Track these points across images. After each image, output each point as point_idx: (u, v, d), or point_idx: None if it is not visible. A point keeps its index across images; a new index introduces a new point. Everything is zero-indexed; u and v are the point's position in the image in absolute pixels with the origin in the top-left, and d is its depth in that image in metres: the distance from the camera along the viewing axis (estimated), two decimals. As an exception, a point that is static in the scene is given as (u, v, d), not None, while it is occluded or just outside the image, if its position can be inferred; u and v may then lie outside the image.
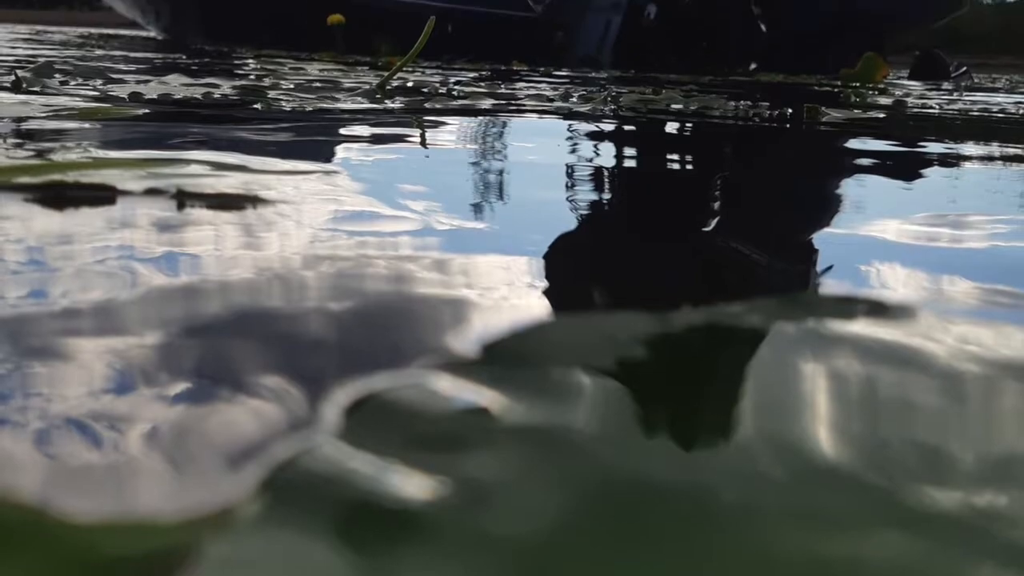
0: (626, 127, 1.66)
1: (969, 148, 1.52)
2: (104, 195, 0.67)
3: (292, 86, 2.00)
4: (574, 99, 2.14)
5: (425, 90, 2.13)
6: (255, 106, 1.56)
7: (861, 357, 0.39)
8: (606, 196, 0.91)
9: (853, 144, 1.51)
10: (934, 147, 1.53)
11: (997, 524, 0.26)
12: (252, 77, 2.32)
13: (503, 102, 1.96)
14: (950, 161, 1.30)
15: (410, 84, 2.32)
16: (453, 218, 0.69)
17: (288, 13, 5.55)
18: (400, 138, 1.26)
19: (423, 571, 0.23)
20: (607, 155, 1.23)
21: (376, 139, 1.23)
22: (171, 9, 6.90)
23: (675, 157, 1.37)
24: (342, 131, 1.29)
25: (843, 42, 5.06)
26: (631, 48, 5.40)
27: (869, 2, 5.54)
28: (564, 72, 4.20)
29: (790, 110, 1.98)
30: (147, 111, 1.40)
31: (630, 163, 1.22)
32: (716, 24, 5.74)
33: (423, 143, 1.22)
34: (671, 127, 1.74)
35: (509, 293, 0.49)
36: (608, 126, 1.63)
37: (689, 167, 1.24)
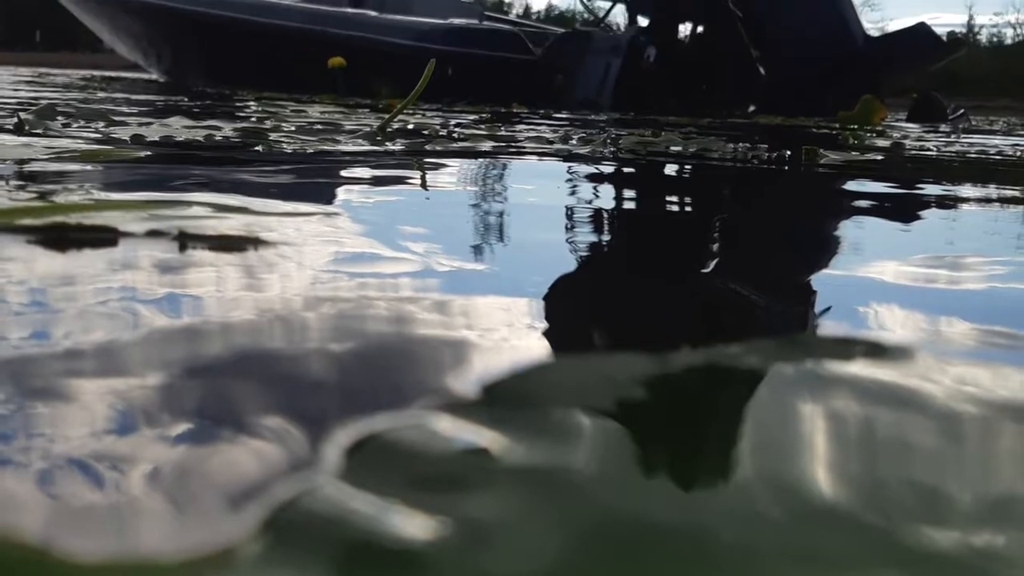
0: (625, 169, 1.66)
1: (967, 190, 1.53)
2: (106, 237, 0.68)
3: (293, 128, 2.01)
4: (574, 141, 2.15)
5: (425, 132, 2.15)
6: (256, 148, 1.57)
7: (859, 398, 0.39)
8: (606, 238, 0.92)
9: (851, 186, 1.52)
10: (932, 189, 1.54)
11: (995, 565, 0.26)
12: (253, 119, 2.33)
13: (503, 144, 1.98)
14: (948, 203, 1.31)
15: (411, 126, 2.33)
16: (453, 259, 0.70)
17: (289, 56, 5.59)
18: (401, 180, 1.27)
19: (424, 611, 0.23)
20: (607, 197, 1.24)
21: (377, 181, 1.23)
22: (173, 52, 6.95)
23: (674, 199, 1.37)
24: (343, 173, 1.30)
25: (841, 84, 5.09)
26: (631, 91, 5.44)
27: (867, 45, 5.59)
28: (564, 114, 4.22)
29: (788, 152, 1.99)
30: (149, 153, 1.40)
31: (629, 205, 1.23)
32: (715, 67, 5.78)
33: (423, 185, 1.23)
34: (670, 169, 1.75)
35: (509, 334, 0.49)
36: (608, 168, 1.64)
37: (688, 209, 1.25)
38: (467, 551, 0.26)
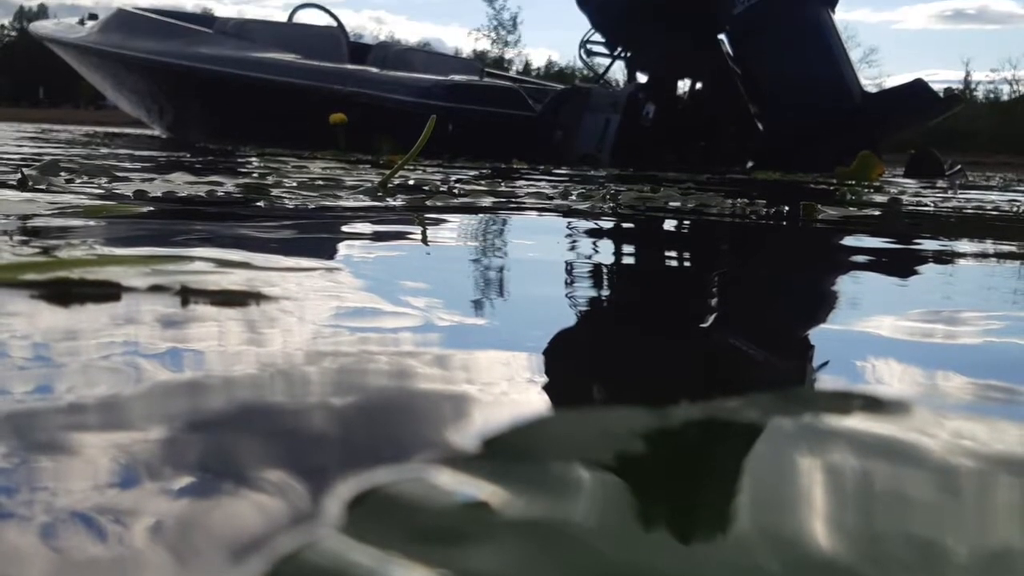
0: (625, 224, 1.67)
1: (963, 245, 1.54)
2: (109, 292, 0.68)
3: (295, 184, 2.02)
4: (573, 197, 2.16)
5: (426, 188, 2.16)
6: (258, 204, 1.58)
7: (857, 452, 0.39)
8: (605, 293, 0.92)
9: (849, 241, 1.53)
10: (929, 244, 1.55)
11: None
12: (255, 175, 2.35)
13: (503, 200, 1.99)
14: (944, 258, 1.32)
15: (411, 182, 2.35)
16: (454, 314, 0.70)
17: (291, 112, 5.63)
18: (402, 235, 1.28)
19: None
20: (606, 252, 1.24)
21: (378, 236, 1.24)
22: (175, 108, 7.01)
23: (673, 254, 1.38)
24: (344, 228, 1.31)
25: (839, 140, 5.12)
26: (630, 146, 5.47)
27: (865, 101, 5.62)
28: (563, 170, 4.25)
29: (787, 208, 2.00)
30: (151, 209, 1.41)
31: (629, 260, 1.23)
32: (713, 123, 5.83)
33: (424, 240, 1.24)
34: (669, 224, 1.76)
35: (509, 388, 0.49)
36: (607, 223, 1.65)
37: (687, 264, 1.25)
38: (467, 603, 0.26)
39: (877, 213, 2.13)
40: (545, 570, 0.28)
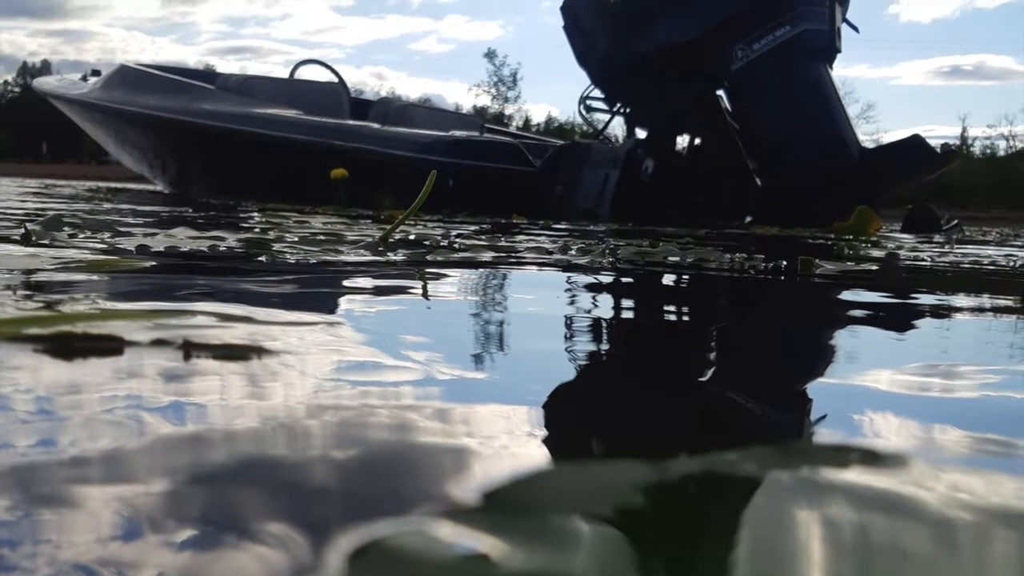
0: (624, 279, 1.68)
1: (960, 300, 1.54)
2: (112, 346, 0.69)
3: (296, 239, 2.03)
4: (573, 251, 2.17)
5: (427, 243, 2.17)
6: (260, 258, 1.59)
7: (855, 505, 0.40)
8: (604, 347, 0.92)
9: (846, 295, 1.54)
10: (926, 298, 1.55)
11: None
12: (257, 230, 2.36)
13: (503, 254, 1.99)
14: (942, 312, 1.32)
15: (412, 237, 2.36)
16: (454, 368, 0.71)
17: (293, 168, 5.66)
18: (402, 290, 1.28)
19: None
20: (605, 307, 1.25)
21: (379, 291, 1.25)
22: (178, 163, 7.05)
23: (672, 309, 1.38)
24: (345, 283, 1.31)
25: (837, 195, 5.15)
26: (629, 201, 5.49)
27: (862, 156, 5.66)
28: (563, 225, 4.26)
29: (784, 262, 2.01)
30: (154, 263, 1.42)
31: (628, 314, 1.24)
32: (712, 178, 5.85)
33: (425, 295, 1.24)
34: (668, 279, 1.76)
35: (509, 442, 0.50)
36: (606, 278, 1.65)
37: (686, 318, 1.26)
38: (468, 654, 0.26)
39: (874, 268, 2.14)
40: (545, 622, 0.28)
